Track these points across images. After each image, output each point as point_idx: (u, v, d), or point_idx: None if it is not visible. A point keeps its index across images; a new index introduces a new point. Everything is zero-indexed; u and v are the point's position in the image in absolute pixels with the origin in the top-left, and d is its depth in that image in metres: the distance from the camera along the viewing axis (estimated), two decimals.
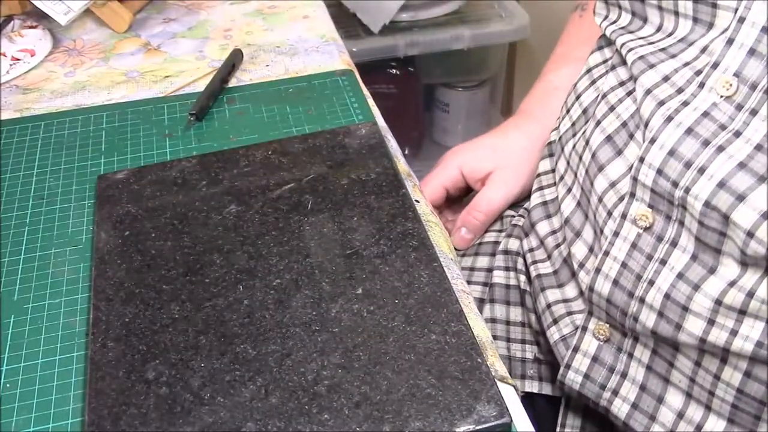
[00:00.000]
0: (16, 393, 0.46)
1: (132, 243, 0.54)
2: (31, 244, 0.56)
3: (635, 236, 0.50)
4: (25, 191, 0.60)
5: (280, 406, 0.44)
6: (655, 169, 0.47)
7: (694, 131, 0.46)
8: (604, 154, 0.53)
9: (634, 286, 0.51)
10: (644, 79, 0.50)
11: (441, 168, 0.75)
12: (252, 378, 0.45)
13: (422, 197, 0.60)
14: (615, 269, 0.51)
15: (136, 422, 0.43)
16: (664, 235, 0.49)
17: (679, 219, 0.48)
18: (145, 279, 0.51)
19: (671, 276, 0.48)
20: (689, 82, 0.47)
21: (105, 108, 0.69)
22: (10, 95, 0.71)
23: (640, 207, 0.49)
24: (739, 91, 0.45)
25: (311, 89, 0.70)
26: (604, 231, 0.52)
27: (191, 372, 0.45)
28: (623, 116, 0.53)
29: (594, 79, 0.60)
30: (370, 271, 0.51)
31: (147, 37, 0.79)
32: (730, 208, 0.44)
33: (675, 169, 0.46)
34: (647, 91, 0.49)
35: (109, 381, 0.45)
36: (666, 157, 0.47)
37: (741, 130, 0.44)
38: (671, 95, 0.48)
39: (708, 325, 0.47)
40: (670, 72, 0.49)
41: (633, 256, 0.50)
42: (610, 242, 0.51)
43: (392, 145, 0.64)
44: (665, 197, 0.48)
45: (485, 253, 0.70)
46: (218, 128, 0.66)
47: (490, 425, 0.42)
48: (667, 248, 0.49)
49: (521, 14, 1.33)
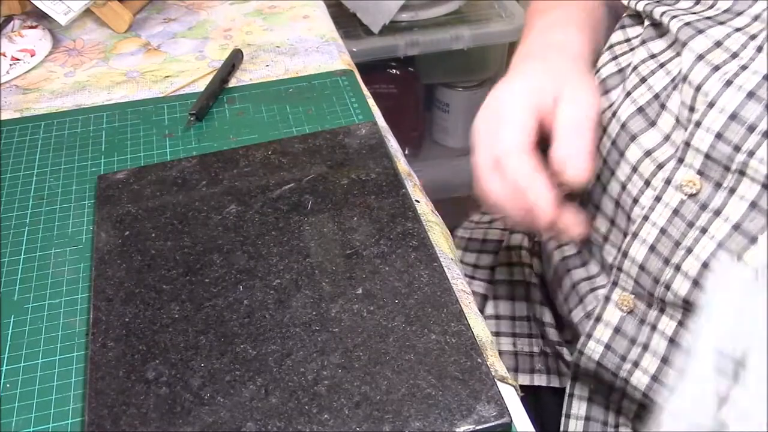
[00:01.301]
0: (16, 393, 0.46)
1: (132, 243, 0.54)
2: (31, 244, 0.56)
3: (678, 202, 0.50)
4: (25, 191, 0.60)
5: (280, 406, 0.44)
6: (714, 133, 0.47)
7: (756, 95, 0.45)
8: (636, 124, 0.53)
9: (671, 252, 0.50)
10: (694, 45, 0.49)
11: (514, 125, 0.51)
12: (252, 378, 0.45)
13: (422, 197, 0.60)
14: (653, 235, 0.51)
15: (136, 422, 0.43)
16: (709, 203, 0.48)
17: (731, 187, 0.47)
18: (145, 279, 0.51)
19: (711, 245, 0.48)
20: (744, 47, 0.47)
21: (105, 108, 0.69)
22: (10, 95, 0.71)
23: (688, 173, 0.49)
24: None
25: (311, 89, 0.70)
26: (640, 200, 0.52)
27: (191, 372, 0.45)
28: (655, 88, 0.52)
29: (616, 55, 0.59)
30: (370, 271, 0.51)
31: (147, 37, 0.79)
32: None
33: (737, 132, 0.46)
34: (699, 56, 0.49)
35: (109, 381, 0.45)
36: (727, 121, 0.46)
37: None
38: (726, 60, 0.47)
39: None
40: (722, 37, 0.48)
41: (674, 222, 0.50)
42: (651, 208, 0.51)
43: (392, 145, 0.64)
44: (721, 163, 0.47)
45: (489, 250, 0.70)
46: (218, 128, 0.66)
47: (490, 425, 0.42)
48: (709, 217, 0.48)
49: (521, 14, 1.33)
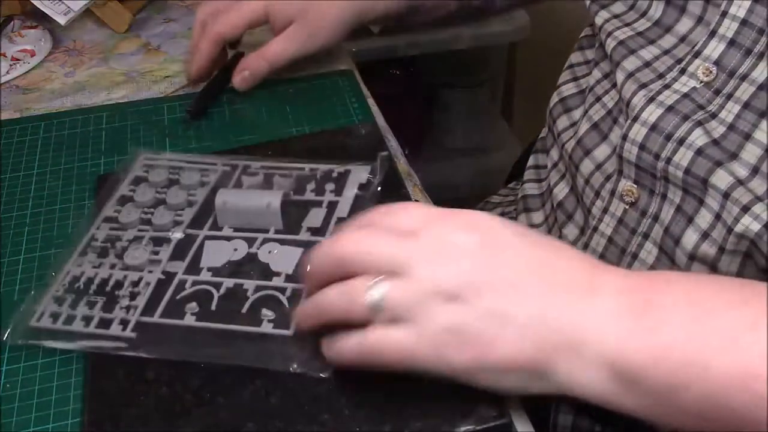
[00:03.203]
0: (16, 393, 0.46)
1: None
2: (31, 244, 0.56)
3: (622, 212, 0.52)
4: (25, 191, 0.60)
5: (280, 407, 0.44)
6: (637, 144, 0.50)
7: (674, 108, 0.48)
8: (590, 140, 0.56)
9: (618, 260, 0.53)
10: (626, 64, 0.52)
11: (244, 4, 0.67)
12: (252, 379, 0.45)
13: (422, 197, 0.60)
14: (602, 244, 0.54)
15: (136, 423, 0.43)
16: (647, 210, 0.51)
17: (662, 192, 0.50)
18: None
19: (655, 249, 0.51)
20: (670, 69, 0.50)
21: (105, 108, 0.69)
22: (10, 95, 0.71)
23: (626, 183, 0.52)
24: (718, 78, 0.48)
25: (311, 89, 0.70)
26: (592, 210, 0.55)
27: (191, 372, 0.45)
28: (608, 105, 0.56)
29: (576, 76, 0.62)
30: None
31: (147, 37, 0.79)
32: (708, 173, 0.46)
33: (656, 142, 0.49)
34: (629, 74, 0.52)
35: (109, 381, 0.45)
36: (648, 133, 0.49)
37: (717, 112, 0.47)
38: (653, 79, 0.51)
39: None
40: (651, 58, 0.52)
41: (619, 231, 0.53)
42: (599, 219, 0.54)
43: (392, 145, 0.64)
44: (648, 171, 0.50)
45: None
46: (218, 128, 0.66)
47: (490, 425, 0.42)
48: (650, 222, 0.51)
49: (521, 14, 1.33)
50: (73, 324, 0.48)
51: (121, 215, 0.55)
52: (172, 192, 0.56)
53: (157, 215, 0.54)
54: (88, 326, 0.48)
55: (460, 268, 0.39)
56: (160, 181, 0.58)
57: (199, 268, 0.51)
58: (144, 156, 0.61)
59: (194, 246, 0.53)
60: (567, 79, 0.63)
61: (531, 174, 0.68)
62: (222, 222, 0.54)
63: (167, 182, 0.58)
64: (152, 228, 0.54)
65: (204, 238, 0.53)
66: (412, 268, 0.39)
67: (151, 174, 0.58)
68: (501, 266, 0.39)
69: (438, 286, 0.39)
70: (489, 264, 0.39)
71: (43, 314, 0.49)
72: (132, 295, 0.49)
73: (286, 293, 0.49)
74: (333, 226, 0.53)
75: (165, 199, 0.56)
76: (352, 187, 0.56)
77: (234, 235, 0.53)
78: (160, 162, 0.60)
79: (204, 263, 0.51)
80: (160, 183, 0.58)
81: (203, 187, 0.57)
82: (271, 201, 0.53)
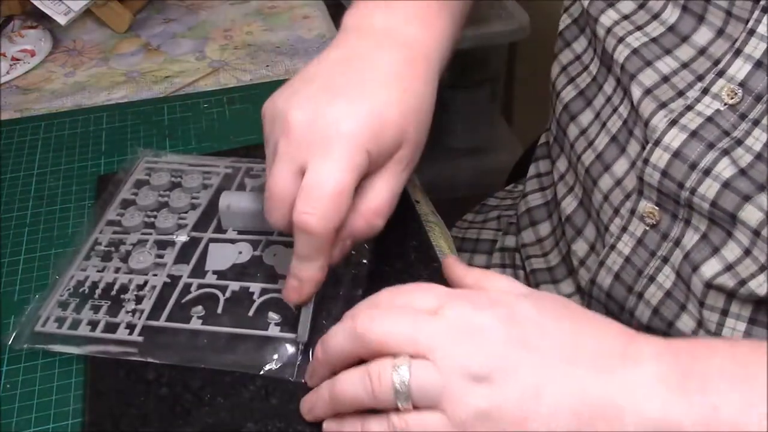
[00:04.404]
0: (17, 393, 0.46)
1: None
2: (31, 245, 0.56)
3: (642, 233, 0.51)
4: (25, 192, 0.60)
5: (280, 407, 0.44)
6: (660, 170, 0.47)
7: (698, 134, 0.46)
8: (610, 154, 0.53)
9: (634, 281, 0.51)
10: (642, 78, 0.49)
11: (343, 156, 0.43)
12: (252, 379, 0.45)
13: (422, 197, 0.60)
14: (618, 263, 0.52)
15: (136, 423, 0.43)
16: (669, 233, 0.49)
17: (685, 218, 0.48)
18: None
19: (673, 275, 0.49)
20: (690, 86, 0.47)
21: (105, 108, 0.69)
22: (10, 95, 0.71)
23: (648, 205, 0.50)
24: (744, 101, 0.45)
25: None
26: (610, 228, 0.53)
27: (191, 372, 0.45)
28: (623, 114, 0.53)
29: (572, 77, 0.58)
30: (370, 272, 0.51)
31: (147, 38, 0.79)
32: (737, 208, 0.44)
33: (680, 170, 0.46)
34: (647, 90, 0.49)
35: (109, 381, 0.45)
36: (671, 159, 0.47)
37: (743, 138, 0.45)
38: (672, 98, 0.48)
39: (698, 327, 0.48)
40: (669, 72, 0.49)
41: (637, 251, 0.51)
42: (617, 237, 0.52)
43: None
44: (671, 197, 0.48)
45: (483, 251, 0.70)
46: (218, 128, 0.66)
47: None
48: (670, 246, 0.49)
49: (521, 14, 1.33)
50: (79, 328, 0.48)
51: (124, 219, 0.55)
52: (175, 195, 0.56)
53: (161, 218, 0.54)
54: (94, 330, 0.48)
55: (487, 349, 0.37)
56: (163, 184, 0.57)
57: (204, 271, 0.51)
58: (145, 158, 0.60)
59: (198, 249, 0.52)
60: (564, 83, 0.59)
61: (534, 184, 0.65)
62: (226, 225, 0.54)
63: (170, 185, 0.58)
64: (156, 231, 0.54)
65: (208, 241, 0.53)
66: (436, 350, 0.37)
67: (153, 177, 0.58)
68: (528, 345, 0.37)
69: (466, 368, 0.36)
70: (515, 344, 0.37)
71: (48, 319, 0.49)
72: (138, 298, 0.49)
73: None
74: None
75: (168, 202, 0.56)
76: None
77: (238, 237, 0.53)
78: (161, 165, 0.60)
79: (209, 266, 0.51)
80: (163, 186, 0.57)
81: (206, 189, 0.57)
82: None
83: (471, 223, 0.76)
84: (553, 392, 0.36)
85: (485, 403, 0.36)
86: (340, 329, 0.40)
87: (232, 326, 0.47)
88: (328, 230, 0.42)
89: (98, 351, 0.47)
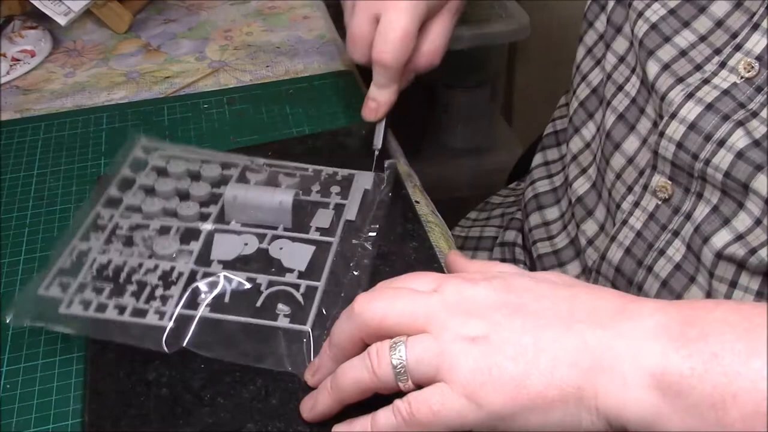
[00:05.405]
0: (17, 393, 0.46)
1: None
2: (31, 245, 0.56)
3: (654, 207, 0.52)
4: (26, 192, 0.60)
5: (280, 407, 0.44)
6: (675, 142, 0.48)
7: (714, 107, 0.47)
8: (618, 132, 0.54)
9: (644, 254, 0.52)
10: (661, 54, 0.50)
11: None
12: (252, 379, 0.45)
13: (422, 197, 0.60)
14: (630, 238, 0.53)
15: (136, 423, 0.43)
16: (681, 207, 0.50)
17: (698, 191, 0.49)
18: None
19: (683, 248, 0.50)
20: (708, 60, 0.49)
21: (105, 109, 0.69)
22: (10, 96, 0.71)
23: (661, 179, 0.51)
24: (760, 74, 0.46)
25: (311, 90, 0.70)
26: (622, 206, 0.54)
27: (192, 372, 0.46)
28: (631, 93, 0.54)
29: (598, 59, 0.59)
30: (370, 272, 0.51)
31: (147, 38, 0.79)
32: (749, 178, 0.45)
33: (695, 142, 0.47)
34: (665, 65, 0.50)
35: (109, 381, 0.45)
36: (686, 131, 0.48)
37: (758, 111, 0.46)
38: (690, 72, 0.49)
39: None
40: (686, 46, 0.50)
41: (649, 225, 0.52)
42: (629, 213, 0.53)
43: (392, 145, 0.64)
44: (685, 170, 0.49)
45: (485, 247, 0.71)
46: (218, 129, 0.66)
47: None
48: (681, 220, 0.50)
49: (521, 14, 1.33)
50: (107, 312, 0.47)
51: (144, 204, 0.54)
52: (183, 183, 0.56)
53: (183, 207, 0.54)
54: (122, 315, 0.47)
55: (483, 312, 0.38)
56: (181, 173, 0.57)
57: (210, 261, 0.51)
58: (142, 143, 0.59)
59: (201, 238, 0.52)
60: (577, 83, 0.60)
61: (541, 172, 0.67)
62: (229, 216, 0.54)
63: (183, 174, 0.57)
64: (179, 219, 0.54)
65: (213, 231, 0.53)
66: (433, 322, 0.38)
67: (170, 165, 0.57)
68: (524, 308, 0.38)
69: (462, 332, 0.37)
70: (511, 306, 0.38)
71: (73, 302, 0.48)
72: (165, 285, 0.49)
73: (300, 290, 0.49)
74: (341, 228, 0.53)
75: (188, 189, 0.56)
76: (358, 191, 0.56)
77: (244, 230, 0.53)
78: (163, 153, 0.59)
79: (214, 256, 0.51)
80: (180, 174, 0.57)
81: (201, 180, 0.57)
82: (283, 199, 0.53)
83: (474, 221, 0.76)
84: (552, 347, 0.36)
85: (483, 360, 0.36)
86: (342, 315, 0.41)
87: (241, 316, 0.47)
88: (399, 64, 0.55)
89: (128, 336, 0.46)
